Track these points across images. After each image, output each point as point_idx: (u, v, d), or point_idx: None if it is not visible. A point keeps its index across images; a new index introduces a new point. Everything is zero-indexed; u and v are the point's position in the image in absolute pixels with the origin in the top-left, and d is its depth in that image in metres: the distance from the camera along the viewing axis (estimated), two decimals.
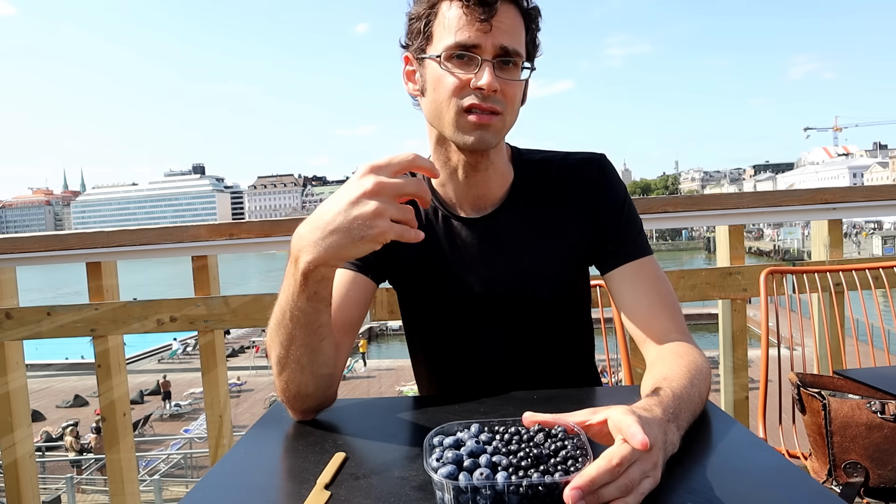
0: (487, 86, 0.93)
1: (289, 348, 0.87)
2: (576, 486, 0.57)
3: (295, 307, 0.83)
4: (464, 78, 0.95)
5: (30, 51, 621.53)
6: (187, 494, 0.70)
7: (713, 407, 0.89)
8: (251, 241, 2.04)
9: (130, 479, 2.11)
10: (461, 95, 0.96)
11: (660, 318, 1.01)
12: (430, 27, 0.98)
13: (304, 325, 0.85)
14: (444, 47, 0.96)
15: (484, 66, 0.94)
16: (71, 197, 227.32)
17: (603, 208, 1.08)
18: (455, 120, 0.97)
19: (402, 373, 18.88)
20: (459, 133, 0.98)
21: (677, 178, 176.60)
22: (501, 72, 0.96)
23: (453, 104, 0.97)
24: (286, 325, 0.86)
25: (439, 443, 0.67)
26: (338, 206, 0.76)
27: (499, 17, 0.94)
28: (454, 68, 0.96)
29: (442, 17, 0.97)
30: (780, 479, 0.68)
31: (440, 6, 0.97)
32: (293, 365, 0.88)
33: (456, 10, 0.95)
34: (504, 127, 1.00)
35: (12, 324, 2.07)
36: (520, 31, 0.97)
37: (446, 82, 0.96)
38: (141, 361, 28.39)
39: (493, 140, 0.99)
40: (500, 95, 0.96)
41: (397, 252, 1.11)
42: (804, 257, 59.61)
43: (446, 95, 0.97)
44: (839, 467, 1.26)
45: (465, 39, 0.94)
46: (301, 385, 0.90)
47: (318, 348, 0.88)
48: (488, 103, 0.95)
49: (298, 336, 0.86)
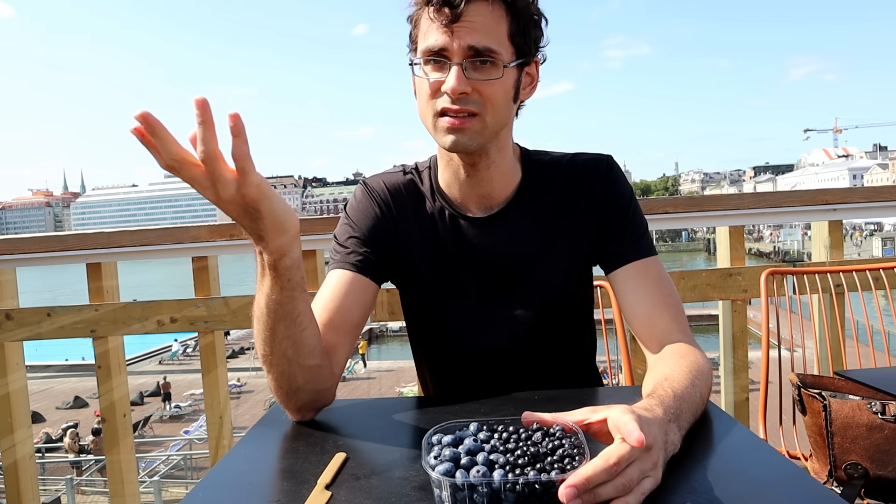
0: (451, 90, 0.94)
1: (273, 343, 0.88)
2: (571, 484, 0.57)
3: (270, 300, 0.85)
4: (435, 82, 0.97)
5: (29, 51, 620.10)
6: (187, 495, 0.70)
7: (714, 408, 0.89)
8: (251, 241, 2.04)
9: (130, 480, 2.11)
10: (435, 99, 0.97)
11: (662, 318, 1.02)
12: (414, 34, 1.01)
13: (283, 316, 0.86)
14: (420, 53, 0.98)
15: (452, 69, 0.94)
16: (71, 198, 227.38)
17: (609, 209, 1.08)
18: (433, 123, 0.99)
19: (402, 374, 18.89)
20: (438, 136, 1.00)
21: (677, 180, 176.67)
22: (476, 72, 0.95)
23: (429, 108, 0.99)
24: (265, 320, 0.87)
25: (438, 441, 0.68)
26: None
27: (467, 16, 0.93)
28: (429, 72, 0.98)
29: (419, 24, 0.99)
30: (780, 479, 0.68)
31: (421, 12, 0.98)
32: (279, 359, 0.89)
33: (426, 15, 0.96)
34: (485, 128, 0.98)
35: (12, 325, 2.07)
36: (496, 26, 0.96)
37: (422, 88, 0.99)
38: (141, 363, 28.38)
39: (470, 142, 0.98)
40: (476, 95, 0.96)
41: (402, 251, 1.11)
42: (804, 258, 59.63)
43: (424, 100, 0.99)
44: (840, 468, 1.26)
45: (431, 44, 0.95)
46: (291, 378, 0.90)
47: (300, 339, 0.89)
48: (459, 105, 0.96)
49: (280, 329, 0.87)
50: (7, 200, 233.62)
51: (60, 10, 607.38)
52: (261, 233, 0.80)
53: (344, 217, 1.14)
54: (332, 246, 1.12)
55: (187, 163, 0.70)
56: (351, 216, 1.13)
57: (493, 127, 1.00)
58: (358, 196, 1.15)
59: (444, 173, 1.11)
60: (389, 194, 1.13)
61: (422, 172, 1.15)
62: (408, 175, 1.15)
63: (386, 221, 1.11)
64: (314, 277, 2.07)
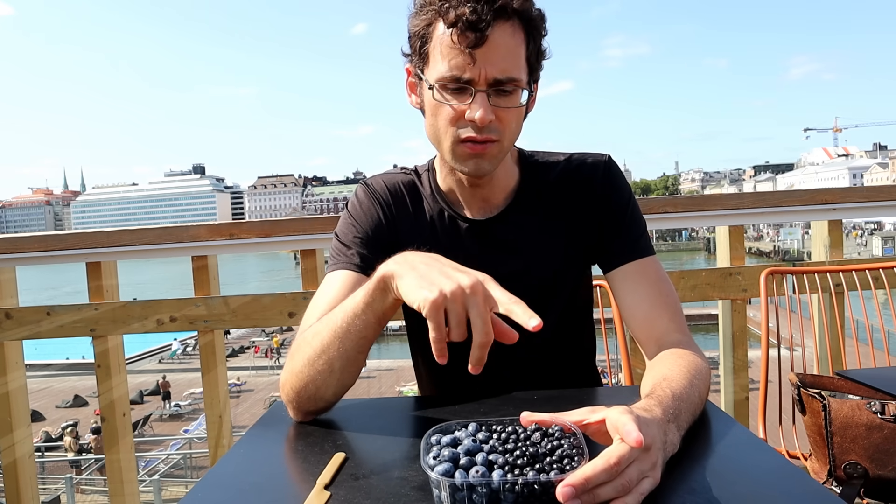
0: (480, 120, 0.93)
1: (328, 351, 0.88)
2: (569, 484, 0.57)
3: (358, 318, 0.85)
4: (459, 109, 0.95)
5: (29, 50, 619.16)
6: (187, 495, 0.70)
7: (713, 407, 0.89)
8: (251, 241, 2.04)
9: (130, 479, 2.11)
10: (457, 126, 0.96)
11: (661, 318, 1.02)
12: (426, 47, 0.96)
13: (357, 336, 0.86)
14: (438, 77, 0.94)
15: (477, 98, 0.92)
16: (71, 197, 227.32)
17: (608, 209, 1.08)
18: (452, 149, 0.98)
19: (401, 373, 18.89)
20: (457, 162, 0.99)
21: (677, 179, 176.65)
22: (498, 98, 0.94)
23: (450, 134, 0.97)
24: (338, 330, 0.86)
25: (437, 441, 0.68)
26: (443, 262, 0.79)
27: (492, 41, 0.90)
28: (449, 98, 0.95)
29: (436, 39, 0.94)
30: (780, 479, 0.68)
31: (436, 25, 0.94)
32: (323, 367, 0.88)
33: (447, 34, 0.91)
34: (501, 151, 0.99)
35: (12, 324, 2.07)
36: (517, 50, 0.94)
37: (442, 112, 0.96)
38: (141, 361, 28.38)
39: (489, 167, 0.99)
40: (497, 123, 0.95)
41: (400, 251, 1.11)
42: (804, 258, 59.63)
43: (443, 125, 0.97)
44: (839, 468, 1.26)
45: (457, 72, 0.92)
46: (322, 387, 0.90)
47: (354, 359, 0.89)
48: (484, 134, 0.95)
49: (343, 344, 0.87)
50: (7, 199, 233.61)
51: (60, 11, 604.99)
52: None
53: (346, 217, 1.13)
54: (332, 245, 1.12)
55: None
56: (353, 216, 1.12)
57: (507, 148, 1.01)
58: (360, 196, 1.15)
59: (446, 178, 1.11)
60: (390, 195, 1.13)
61: (421, 175, 1.15)
62: (408, 176, 1.15)
63: (387, 222, 1.11)
64: (314, 276, 2.07)
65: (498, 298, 0.75)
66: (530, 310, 0.72)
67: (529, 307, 1.11)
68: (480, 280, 0.75)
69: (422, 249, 1.10)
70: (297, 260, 2.25)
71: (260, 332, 31.66)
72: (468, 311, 0.74)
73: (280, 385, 0.95)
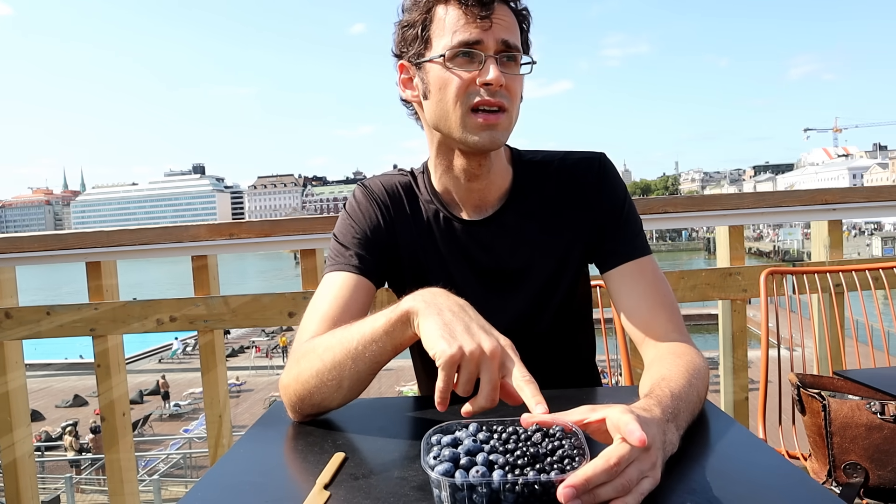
0: (495, 80, 0.94)
1: (338, 368, 0.87)
2: (569, 484, 0.57)
3: (375, 343, 0.84)
4: (468, 76, 0.96)
5: (29, 50, 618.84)
6: (186, 494, 0.70)
7: (713, 407, 0.89)
8: (251, 240, 2.04)
9: (130, 478, 2.11)
10: (468, 94, 0.96)
11: (658, 317, 1.01)
12: (427, 31, 0.98)
13: (371, 360, 0.86)
14: (447, 47, 0.96)
15: (488, 62, 0.95)
16: (71, 196, 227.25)
17: (603, 208, 1.08)
18: (462, 120, 0.98)
19: (401, 373, 18.88)
20: (467, 133, 0.98)
21: (677, 179, 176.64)
22: (505, 67, 0.96)
23: (460, 104, 0.97)
24: (352, 350, 0.86)
25: (437, 441, 0.68)
26: (471, 315, 0.79)
27: (497, 13, 0.95)
28: (458, 68, 0.96)
29: (439, 20, 0.97)
30: (779, 479, 0.68)
31: (436, 10, 0.98)
32: (332, 382, 0.88)
33: (454, 11, 0.96)
34: (510, 124, 1.00)
35: (12, 323, 2.07)
36: (516, 27, 0.99)
37: (452, 82, 0.96)
38: (141, 361, 28.37)
39: (501, 138, 0.99)
40: (505, 91, 0.97)
41: (399, 253, 1.11)
42: (804, 258, 59.60)
43: (453, 95, 0.97)
44: (839, 468, 1.26)
45: (467, 37, 0.94)
46: (328, 399, 0.90)
47: (365, 379, 0.89)
48: (496, 98, 0.96)
49: (356, 365, 0.86)
50: (7, 199, 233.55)
51: (60, 11, 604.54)
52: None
53: (345, 218, 1.13)
54: (331, 246, 1.12)
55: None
56: (352, 217, 1.12)
57: (514, 122, 1.02)
58: (358, 197, 1.15)
59: (442, 178, 1.10)
60: (388, 196, 1.13)
61: (417, 177, 1.15)
62: (405, 178, 1.15)
63: (385, 223, 1.11)
64: (314, 276, 2.07)
65: (513, 373, 0.74)
66: (540, 394, 0.71)
67: (526, 307, 1.11)
68: (502, 346, 0.75)
69: (418, 251, 1.10)
70: (297, 260, 2.25)
71: (260, 331, 31.66)
72: (480, 374, 0.74)
73: (281, 387, 0.95)
